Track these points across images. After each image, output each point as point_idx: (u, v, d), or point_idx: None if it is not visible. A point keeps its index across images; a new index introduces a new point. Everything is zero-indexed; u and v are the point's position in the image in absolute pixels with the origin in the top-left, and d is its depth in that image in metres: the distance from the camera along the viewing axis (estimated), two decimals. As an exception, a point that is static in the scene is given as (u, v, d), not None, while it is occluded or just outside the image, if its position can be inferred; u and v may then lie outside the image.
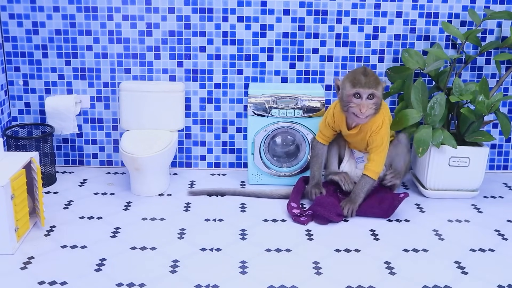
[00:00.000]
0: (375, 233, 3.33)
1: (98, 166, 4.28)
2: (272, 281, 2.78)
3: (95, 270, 2.84)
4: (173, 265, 2.91)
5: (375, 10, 3.99)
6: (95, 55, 4.02)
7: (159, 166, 3.71)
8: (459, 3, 3.99)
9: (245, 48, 4.03)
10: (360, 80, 3.30)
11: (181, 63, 4.06)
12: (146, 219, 3.44)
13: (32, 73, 4.06)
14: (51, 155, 3.91)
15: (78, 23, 3.96)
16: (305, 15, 3.98)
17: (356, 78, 3.31)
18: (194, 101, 4.14)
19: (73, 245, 3.09)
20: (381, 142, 3.49)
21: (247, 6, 3.95)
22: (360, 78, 3.30)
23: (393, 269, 2.92)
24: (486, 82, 3.68)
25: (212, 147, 4.25)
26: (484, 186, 4.03)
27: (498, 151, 4.33)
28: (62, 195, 3.75)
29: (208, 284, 2.73)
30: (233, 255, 3.03)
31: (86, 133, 4.19)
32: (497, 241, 3.27)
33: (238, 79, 4.10)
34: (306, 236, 3.25)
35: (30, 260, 2.92)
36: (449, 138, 3.66)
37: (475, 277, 2.86)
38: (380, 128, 3.47)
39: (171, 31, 3.99)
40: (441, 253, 3.10)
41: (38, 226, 3.28)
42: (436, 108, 3.69)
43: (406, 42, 4.06)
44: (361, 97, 3.30)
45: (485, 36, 4.07)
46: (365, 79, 3.30)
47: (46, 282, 2.72)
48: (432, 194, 3.83)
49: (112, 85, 4.09)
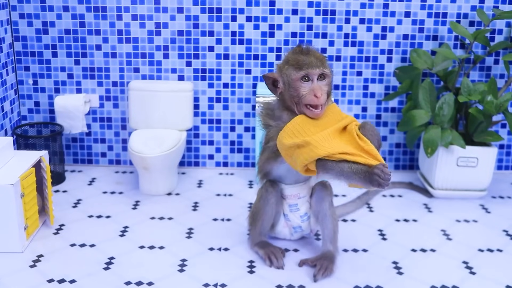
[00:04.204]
0: (383, 233, 3.33)
1: (107, 165, 4.30)
2: (280, 281, 2.78)
3: (104, 268, 2.86)
4: (181, 264, 2.92)
5: (383, 10, 3.98)
6: (104, 55, 4.04)
7: (168, 165, 3.72)
8: (468, 3, 3.98)
9: (253, 47, 4.04)
10: (303, 60, 2.65)
11: (189, 63, 4.07)
12: (154, 218, 3.45)
13: (41, 73, 4.08)
14: (60, 154, 3.93)
15: (87, 22, 3.98)
16: (314, 15, 3.98)
17: (298, 59, 2.66)
18: (202, 100, 4.15)
19: (82, 244, 3.10)
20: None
21: (255, 6, 3.96)
22: (302, 58, 2.66)
23: (400, 269, 2.92)
24: (494, 82, 3.67)
25: (220, 146, 4.26)
26: (492, 186, 4.02)
27: (506, 151, 4.32)
28: (71, 194, 3.77)
29: (216, 283, 2.74)
30: (242, 254, 3.04)
31: (95, 132, 4.21)
32: (505, 241, 3.27)
33: (246, 79, 4.11)
34: (314, 237, 3.26)
35: (40, 258, 2.94)
36: (458, 138, 3.65)
37: (483, 277, 2.86)
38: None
39: (180, 30, 4.00)
40: (449, 253, 3.10)
41: (47, 225, 3.30)
42: (445, 108, 3.69)
43: (414, 42, 4.06)
44: (311, 79, 2.66)
45: (494, 36, 4.06)
46: (309, 58, 2.66)
47: (55, 280, 2.73)
48: (440, 194, 3.82)
49: (121, 84, 4.11)
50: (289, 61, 2.69)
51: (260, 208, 2.97)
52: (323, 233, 2.95)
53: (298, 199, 2.97)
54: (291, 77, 2.66)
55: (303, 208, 2.99)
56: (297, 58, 2.67)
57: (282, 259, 2.93)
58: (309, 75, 2.64)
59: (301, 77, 2.64)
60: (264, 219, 2.98)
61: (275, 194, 2.93)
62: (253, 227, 3.04)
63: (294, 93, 2.66)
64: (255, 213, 3.01)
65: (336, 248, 2.94)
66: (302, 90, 2.64)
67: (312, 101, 2.62)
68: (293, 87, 2.66)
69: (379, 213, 3.60)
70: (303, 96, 2.64)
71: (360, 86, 4.14)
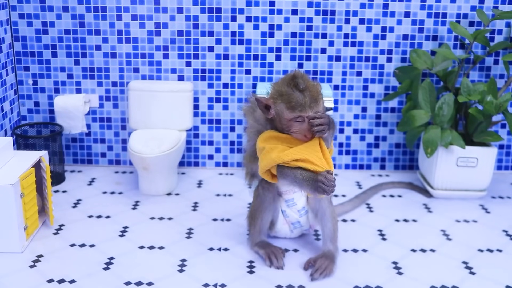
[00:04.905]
0: (383, 233, 3.33)
1: (107, 165, 4.30)
2: (280, 281, 2.78)
3: (104, 268, 2.86)
4: (181, 264, 2.92)
5: (383, 10, 3.98)
6: (104, 55, 4.04)
7: (167, 165, 3.72)
8: (468, 3, 3.98)
9: (253, 48, 4.04)
10: (297, 100, 2.59)
11: (189, 63, 4.08)
12: (154, 219, 3.45)
13: (41, 73, 4.08)
14: (59, 154, 3.93)
15: (87, 23, 3.98)
16: (313, 15, 3.98)
17: (291, 98, 2.60)
18: (202, 100, 4.15)
19: (82, 244, 3.10)
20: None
21: (255, 6, 3.96)
22: (297, 96, 2.60)
23: (400, 269, 2.92)
24: (494, 82, 3.67)
25: (220, 146, 4.26)
26: (492, 186, 4.02)
27: (506, 152, 4.32)
28: (70, 194, 3.77)
29: (216, 284, 2.74)
30: (241, 254, 3.04)
31: (94, 132, 4.21)
32: (505, 241, 3.27)
33: (246, 79, 4.11)
34: (314, 237, 3.26)
35: (39, 258, 2.94)
36: (457, 138, 3.65)
37: (483, 278, 2.86)
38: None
39: (180, 31, 4.00)
40: (448, 253, 3.10)
41: (47, 225, 3.30)
42: (444, 108, 3.69)
43: (414, 42, 4.06)
44: (303, 120, 2.64)
45: (494, 36, 4.06)
46: (303, 98, 2.60)
47: (55, 280, 2.73)
48: (439, 194, 3.82)
49: (120, 84, 4.11)
50: (283, 96, 2.63)
51: (258, 207, 2.98)
52: (323, 232, 2.95)
53: (294, 193, 2.97)
54: (283, 115, 2.66)
55: (300, 203, 2.99)
56: (291, 96, 2.61)
57: (282, 259, 2.93)
58: (302, 116, 2.63)
59: (293, 118, 2.64)
60: (263, 217, 2.99)
61: (271, 190, 2.95)
62: (253, 226, 3.04)
63: (285, 128, 2.69)
64: (253, 212, 3.02)
65: (336, 248, 2.95)
66: (293, 128, 2.67)
67: (303, 139, 2.68)
68: (284, 123, 2.68)
69: (379, 213, 3.60)
70: (294, 133, 2.68)
71: (360, 86, 4.14)
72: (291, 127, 2.66)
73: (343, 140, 4.25)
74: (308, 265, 2.90)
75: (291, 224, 3.08)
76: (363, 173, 4.28)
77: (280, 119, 2.68)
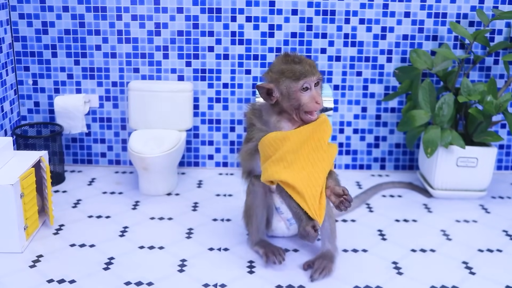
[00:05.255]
0: (383, 233, 3.33)
1: (107, 165, 4.30)
2: (280, 281, 2.78)
3: (104, 268, 2.86)
4: (181, 264, 2.92)
5: (383, 10, 3.98)
6: (104, 55, 4.04)
7: (167, 165, 3.72)
8: (468, 3, 3.98)
9: (253, 48, 4.04)
10: (300, 70, 2.69)
11: (189, 63, 4.08)
12: (154, 219, 3.45)
13: (41, 73, 4.08)
14: (59, 154, 3.93)
15: (87, 23, 3.98)
16: (313, 15, 3.98)
17: (293, 70, 2.70)
18: (202, 100, 4.15)
19: (82, 244, 3.10)
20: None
21: (255, 6, 3.96)
22: (298, 68, 2.70)
23: (400, 269, 2.92)
24: (494, 83, 3.67)
25: (220, 146, 4.26)
26: (492, 186, 4.02)
27: (506, 152, 4.32)
28: (70, 194, 3.77)
29: (216, 284, 2.74)
30: (241, 254, 3.04)
31: (94, 132, 4.21)
32: (505, 241, 3.27)
33: (246, 79, 4.11)
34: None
35: (39, 258, 2.94)
36: (457, 138, 3.65)
37: (483, 278, 2.86)
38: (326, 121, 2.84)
39: (180, 31, 4.00)
40: (448, 253, 3.10)
41: (47, 225, 3.30)
42: (444, 109, 3.69)
43: (414, 42, 4.06)
44: (309, 87, 2.72)
45: (494, 36, 4.06)
46: (303, 67, 2.70)
47: (55, 280, 2.73)
48: (439, 194, 3.82)
49: (120, 84, 4.11)
50: (284, 72, 2.71)
51: (251, 203, 3.01)
52: (321, 232, 2.95)
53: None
54: (291, 89, 2.70)
55: None
56: (292, 68, 2.70)
57: (281, 255, 2.92)
58: (308, 84, 2.70)
59: (300, 87, 2.70)
60: (257, 213, 3.01)
61: (262, 185, 2.96)
62: (250, 225, 3.06)
63: (295, 102, 2.72)
64: (248, 210, 3.04)
65: (335, 247, 2.95)
66: (303, 99, 2.70)
67: (315, 107, 2.72)
68: (294, 98, 2.71)
69: (379, 213, 3.60)
70: (304, 104, 2.71)
71: (360, 86, 4.14)
72: (300, 99, 2.71)
73: (343, 140, 4.25)
74: (307, 266, 2.90)
75: (287, 221, 3.09)
76: (363, 173, 4.28)
77: (288, 95, 2.72)
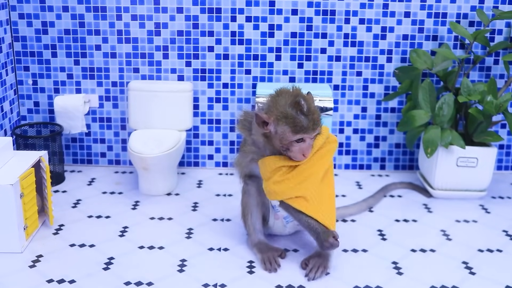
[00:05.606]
0: (383, 233, 3.33)
1: (106, 165, 4.30)
2: (280, 281, 2.78)
3: (103, 268, 2.86)
4: (180, 264, 2.92)
5: (383, 10, 3.98)
6: (103, 55, 4.04)
7: (167, 165, 3.72)
8: (468, 3, 3.98)
9: (253, 48, 4.04)
10: (301, 122, 2.61)
11: (189, 63, 4.07)
12: (154, 219, 3.45)
13: (41, 73, 4.08)
14: (59, 154, 3.93)
15: (87, 23, 3.98)
16: (313, 15, 3.98)
17: (295, 121, 2.61)
18: (202, 100, 4.15)
19: (82, 244, 3.10)
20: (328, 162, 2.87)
21: (255, 6, 3.96)
22: (301, 119, 2.61)
23: (400, 269, 2.92)
24: (494, 82, 3.67)
25: (220, 146, 4.26)
26: (492, 186, 4.02)
27: (506, 152, 4.32)
28: (70, 194, 3.77)
29: (216, 284, 2.74)
30: (241, 254, 3.04)
31: (94, 132, 4.21)
32: (505, 241, 3.27)
33: (246, 79, 4.11)
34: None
35: (39, 258, 2.93)
36: (457, 138, 3.65)
37: (483, 278, 2.86)
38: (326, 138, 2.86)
39: (180, 31, 4.00)
40: (448, 253, 3.10)
41: (46, 225, 3.30)
42: (444, 109, 3.69)
43: (414, 42, 4.05)
44: (304, 140, 2.67)
45: (494, 36, 4.06)
46: (307, 121, 2.62)
47: (55, 280, 2.73)
48: (439, 194, 3.82)
49: (120, 84, 4.11)
50: (287, 118, 2.62)
51: (246, 202, 3.03)
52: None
53: None
54: (285, 135, 2.65)
55: None
56: (296, 119, 2.62)
57: (275, 264, 2.90)
58: (304, 138, 2.67)
59: (295, 139, 2.66)
60: (253, 212, 3.02)
61: (255, 184, 2.98)
62: (247, 224, 3.06)
63: (284, 146, 2.70)
64: (244, 209, 3.06)
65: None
66: (292, 147, 2.68)
67: (299, 159, 2.71)
68: (284, 143, 2.68)
69: (379, 213, 3.60)
70: (292, 152, 2.69)
71: (360, 86, 4.14)
72: (291, 146, 2.68)
73: (343, 140, 4.25)
74: (304, 264, 2.90)
75: (283, 219, 3.09)
76: (363, 173, 4.28)
77: (281, 139, 2.67)
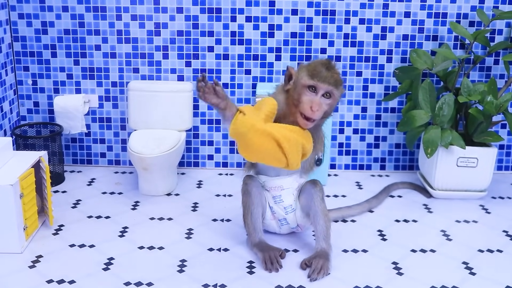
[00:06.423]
0: (383, 233, 3.33)
1: (106, 165, 4.30)
2: (280, 281, 2.78)
3: (103, 269, 2.85)
4: (180, 264, 2.92)
5: (383, 10, 3.98)
6: (103, 55, 4.04)
7: (167, 166, 3.72)
8: (468, 3, 3.98)
9: (253, 48, 4.04)
10: (320, 72, 2.71)
11: (189, 63, 4.07)
12: (154, 219, 3.45)
13: (41, 73, 4.08)
14: (59, 154, 3.93)
15: (86, 23, 3.98)
16: (313, 15, 3.98)
17: (316, 69, 2.72)
18: (202, 100, 4.14)
19: (81, 244, 3.10)
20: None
21: (255, 6, 3.95)
22: (321, 70, 2.71)
23: (400, 270, 2.92)
24: (494, 83, 3.67)
25: (220, 146, 4.26)
26: (492, 186, 4.02)
27: (506, 152, 4.32)
28: (70, 194, 3.77)
29: (216, 284, 2.74)
30: (241, 254, 3.04)
31: (94, 132, 4.21)
32: (505, 241, 3.26)
33: (246, 79, 4.11)
34: (313, 237, 3.25)
35: (39, 258, 2.93)
36: (458, 138, 3.65)
37: (483, 278, 2.86)
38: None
39: (179, 31, 4.00)
40: (449, 254, 3.10)
41: (46, 225, 3.30)
42: (445, 109, 3.69)
43: (414, 42, 4.05)
44: (316, 91, 2.73)
45: (494, 36, 4.05)
46: (327, 73, 2.71)
47: (55, 280, 2.73)
48: (440, 194, 3.82)
49: (120, 84, 4.10)
50: (309, 68, 2.75)
51: (246, 202, 3.03)
52: (316, 231, 2.97)
53: (282, 191, 3.00)
54: (300, 81, 2.73)
55: (287, 200, 3.02)
56: (316, 67, 2.73)
57: (277, 263, 2.91)
58: (316, 87, 2.71)
59: (308, 85, 2.71)
60: (253, 211, 3.02)
61: (254, 184, 3.00)
62: (247, 224, 3.06)
63: (296, 96, 2.74)
64: (244, 209, 3.06)
65: (329, 245, 2.95)
66: (303, 97, 2.72)
67: (306, 111, 2.71)
68: (297, 91, 2.74)
69: (379, 213, 3.60)
70: (301, 103, 2.72)
71: (360, 86, 4.14)
72: (301, 95, 2.72)
73: (343, 140, 4.25)
74: (304, 265, 2.90)
75: (278, 221, 3.11)
76: (363, 174, 4.28)
77: (296, 87, 2.75)
